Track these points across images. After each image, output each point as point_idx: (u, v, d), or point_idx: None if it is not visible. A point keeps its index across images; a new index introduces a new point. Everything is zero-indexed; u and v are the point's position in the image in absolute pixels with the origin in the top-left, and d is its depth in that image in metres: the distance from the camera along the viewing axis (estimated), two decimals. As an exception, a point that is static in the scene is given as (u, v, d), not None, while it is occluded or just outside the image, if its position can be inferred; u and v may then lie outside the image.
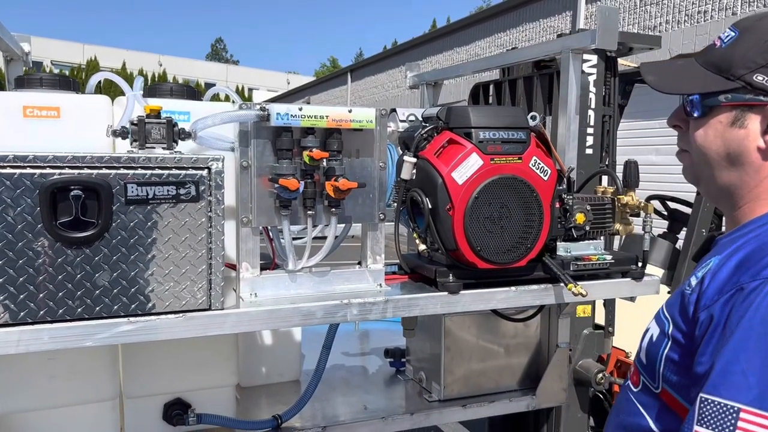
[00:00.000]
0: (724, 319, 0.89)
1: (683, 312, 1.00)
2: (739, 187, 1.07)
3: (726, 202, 1.11)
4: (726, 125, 1.04)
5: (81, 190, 1.35)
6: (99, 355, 1.79)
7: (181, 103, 1.78)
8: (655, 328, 1.08)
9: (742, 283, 0.90)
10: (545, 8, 11.80)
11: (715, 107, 1.05)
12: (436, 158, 1.69)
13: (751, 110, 1.02)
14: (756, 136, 1.01)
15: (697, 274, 1.02)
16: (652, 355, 1.05)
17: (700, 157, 1.10)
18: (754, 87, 1.00)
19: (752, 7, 7.59)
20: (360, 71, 21.36)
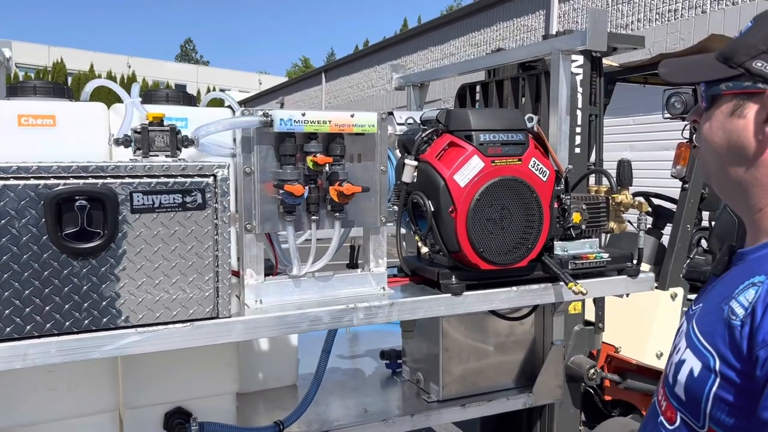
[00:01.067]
0: None
1: (734, 347, 0.89)
2: (751, 185, 0.99)
3: (740, 203, 1.04)
4: (726, 115, 1.00)
5: (86, 200, 1.33)
6: (98, 366, 1.76)
7: (178, 109, 1.76)
8: (695, 362, 0.96)
9: None
10: (518, 7, 11.92)
11: (718, 96, 1.01)
12: (437, 161, 1.70)
13: (750, 99, 0.97)
14: (755, 126, 0.96)
15: (739, 299, 0.91)
16: (695, 393, 0.94)
17: (707, 151, 1.05)
18: (753, 74, 0.95)
19: (721, 6, 7.77)
20: (334, 71, 21.32)
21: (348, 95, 19.85)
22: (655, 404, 1.11)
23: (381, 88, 17.41)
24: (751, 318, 0.86)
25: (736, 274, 1.00)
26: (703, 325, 0.99)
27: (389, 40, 17.82)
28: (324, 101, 21.64)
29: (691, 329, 1.02)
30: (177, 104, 1.80)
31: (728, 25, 7.49)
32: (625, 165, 2.02)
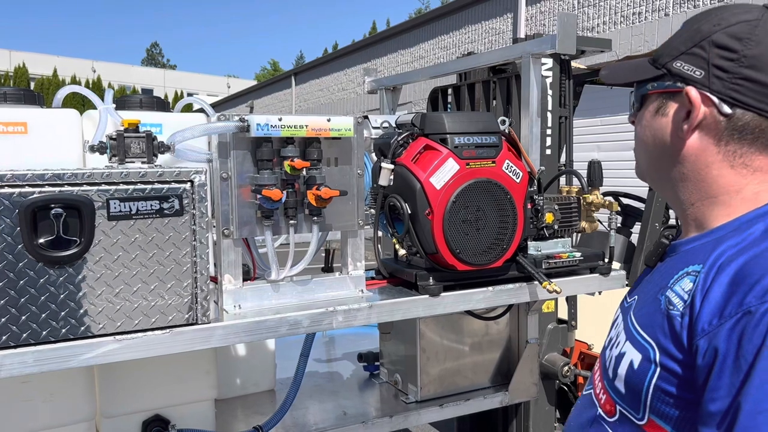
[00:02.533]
0: (734, 348, 0.80)
1: (674, 338, 0.89)
2: (679, 180, 1.01)
3: (672, 198, 1.06)
4: (652, 114, 1.03)
5: (62, 207, 1.32)
6: (74, 375, 1.74)
7: (152, 115, 1.75)
8: (635, 354, 0.96)
9: (749, 306, 0.80)
10: (486, 10, 12.04)
11: (646, 96, 1.05)
12: (413, 164, 1.72)
13: (671, 97, 1.00)
14: (675, 125, 0.99)
15: (675, 289, 0.93)
16: (636, 385, 0.95)
17: (638, 149, 1.09)
18: (673, 73, 0.98)
19: (683, 8, 7.96)
20: (304, 74, 21.25)
21: (318, 98, 19.80)
22: (590, 396, 1.10)
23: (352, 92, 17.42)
24: (690, 308, 0.87)
25: (669, 265, 1.01)
26: (641, 317, 1.00)
27: (359, 43, 17.84)
28: (294, 104, 21.55)
29: (630, 322, 1.03)
30: (151, 110, 1.79)
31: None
32: (595, 165, 2.07)
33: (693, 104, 0.95)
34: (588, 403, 1.10)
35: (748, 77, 0.91)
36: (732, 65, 0.92)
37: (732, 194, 0.96)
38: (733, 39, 0.92)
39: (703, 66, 0.94)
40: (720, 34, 0.93)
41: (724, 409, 0.80)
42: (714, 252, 0.91)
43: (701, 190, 0.99)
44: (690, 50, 0.96)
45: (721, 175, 0.96)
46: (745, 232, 0.91)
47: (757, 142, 0.94)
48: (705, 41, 0.95)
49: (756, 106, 0.92)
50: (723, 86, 0.93)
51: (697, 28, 0.97)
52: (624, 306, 1.13)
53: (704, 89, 0.94)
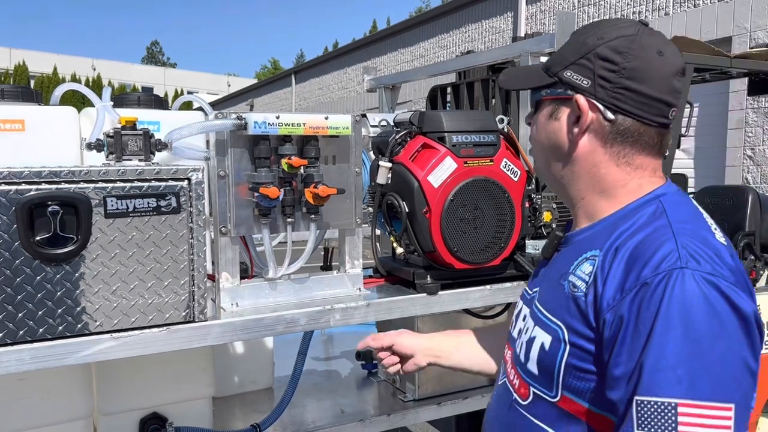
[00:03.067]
0: (634, 317, 0.89)
1: (581, 316, 0.97)
2: (570, 178, 1.11)
3: (564, 194, 1.15)
4: (546, 118, 1.12)
5: (59, 205, 1.32)
6: (72, 373, 1.74)
7: (150, 113, 1.75)
8: (544, 336, 1.04)
9: (645, 279, 0.90)
10: (487, 9, 12.04)
11: (540, 102, 1.13)
12: (411, 162, 1.72)
13: (563, 103, 1.09)
14: (567, 128, 1.08)
15: (577, 273, 1.02)
16: (547, 364, 1.02)
17: (535, 150, 1.18)
18: (564, 82, 1.07)
19: (683, 8, 7.97)
20: (304, 73, 21.25)
21: (318, 97, 19.80)
22: (505, 385, 1.17)
23: (351, 90, 17.41)
24: (593, 287, 0.97)
25: (565, 255, 1.11)
26: (546, 303, 1.08)
27: (359, 41, 17.83)
28: (294, 103, 21.55)
29: (536, 310, 1.11)
30: (149, 108, 1.79)
31: (690, 27, 7.69)
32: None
33: (582, 110, 1.05)
34: (503, 392, 1.17)
35: (627, 87, 1.02)
36: (614, 76, 1.02)
37: (618, 188, 1.07)
38: (614, 52, 1.03)
39: (590, 76, 1.04)
40: (603, 47, 1.03)
41: (628, 371, 0.89)
42: (609, 237, 1.01)
43: (591, 186, 1.09)
44: (578, 61, 1.06)
45: (608, 173, 1.07)
46: (634, 217, 1.02)
47: (637, 144, 1.05)
48: (591, 53, 1.04)
49: (634, 113, 1.03)
50: (607, 95, 1.03)
51: (583, 41, 1.07)
52: (526, 298, 1.21)
53: (591, 97, 1.05)
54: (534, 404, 1.06)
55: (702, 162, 7.84)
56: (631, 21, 1.07)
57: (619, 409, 0.90)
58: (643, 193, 1.06)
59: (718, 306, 0.87)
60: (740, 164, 7.39)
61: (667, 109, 1.04)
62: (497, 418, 1.16)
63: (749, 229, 3.34)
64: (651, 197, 1.05)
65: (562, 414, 1.01)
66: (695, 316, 0.86)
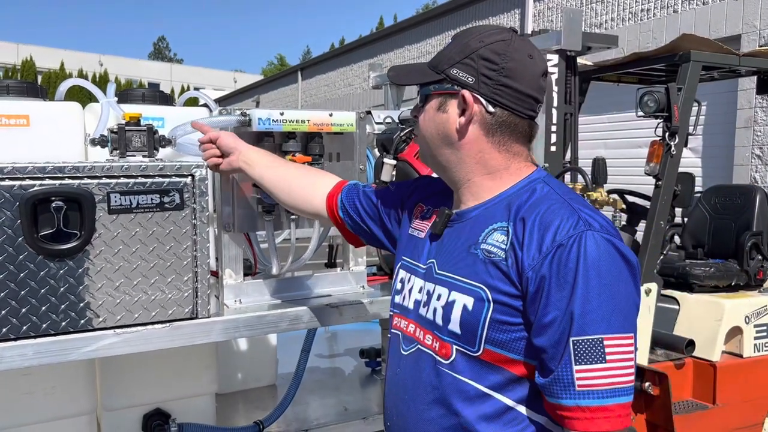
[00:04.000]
0: (554, 272, 1.05)
1: (503, 276, 1.12)
2: (457, 163, 1.23)
3: (451, 177, 1.27)
4: (435, 110, 1.24)
5: (63, 201, 1.32)
6: (76, 369, 1.74)
7: (154, 109, 1.75)
8: (466, 299, 1.16)
9: (560, 241, 1.06)
10: (494, 6, 11.98)
11: (429, 96, 1.25)
12: (416, 160, 1.71)
13: (450, 98, 1.21)
14: (454, 119, 1.20)
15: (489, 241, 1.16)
16: (471, 323, 1.14)
17: (422, 139, 1.29)
18: (451, 78, 1.20)
19: (692, 5, 7.90)
20: (310, 69, 21.22)
21: (324, 93, 19.78)
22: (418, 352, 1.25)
23: (358, 87, 17.38)
24: (513, 252, 1.11)
25: (464, 229, 1.23)
26: (459, 270, 1.20)
27: (365, 38, 17.78)
28: (300, 100, 21.54)
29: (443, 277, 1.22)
30: (153, 104, 1.79)
31: (699, 25, 7.63)
32: (600, 163, 2.06)
33: (467, 103, 1.18)
34: (417, 358, 1.26)
35: (505, 84, 1.16)
36: (494, 74, 1.16)
37: (502, 171, 1.22)
38: (494, 54, 1.16)
39: (474, 74, 1.17)
40: (485, 49, 1.17)
41: (557, 318, 1.04)
42: (510, 211, 1.16)
43: (477, 169, 1.22)
44: (463, 60, 1.19)
45: (492, 158, 1.21)
46: (526, 194, 1.17)
47: (513, 134, 1.20)
48: (474, 54, 1.18)
49: (511, 107, 1.17)
50: (488, 90, 1.17)
51: (466, 43, 1.20)
52: (419, 272, 1.31)
53: (475, 92, 1.17)
54: (456, 361, 1.17)
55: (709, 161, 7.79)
56: (504, 27, 1.23)
57: (548, 352, 1.06)
58: (524, 175, 1.21)
59: (616, 258, 1.06)
60: (748, 163, 7.34)
61: (535, 104, 1.19)
62: (414, 384, 1.25)
63: (757, 229, 3.31)
64: (535, 178, 1.21)
65: (484, 365, 1.14)
66: (604, 267, 1.04)
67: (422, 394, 1.23)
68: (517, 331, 1.11)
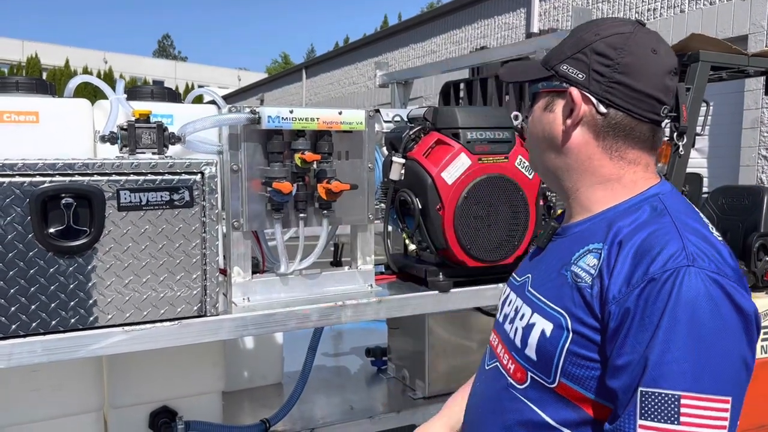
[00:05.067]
0: (640, 311, 0.92)
1: (586, 306, 1.00)
2: (564, 170, 1.13)
3: (558, 186, 1.17)
4: (542, 110, 1.14)
5: (72, 197, 1.32)
6: (83, 366, 1.74)
7: (163, 106, 1.74)
8: (545, 323, 1.05)
9: (653, 275, 0.92)
10: (499, 5, 11.96)
11: (538, 94, 1.16)
12: (425, 159, 1.71)
13: (558, 96, 1.11)
14: (561, 120, 1.10)
15: (580, 264, 1.04)
16: (548, 351, 1.04)
17: (530, 142, 1.20)
18: (560, 75, 1.10)
19: (699, 5, 7.88)
20: (314, 68, 21.22)
21: (329, 92, 19.78)
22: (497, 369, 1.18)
23: (362, 85, 17.38)
24: (599, 280, 0.99)
25: (564, 245, 1.12)
26: (547, 291, 1.09)
27: (370, 37, 17.77)
28: (305, 98, 21.54)
29: (531, 296, 1.13)
30: (162, 101, 1.79)
31: (706, 24, 7.60)
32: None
33: (575, 102, 1.07)
34: (495, 376, 1.18)
35: (620, 82, 1.05)
36: (608, 71, 1.05)
37: (613, 181, 1.09)
38: (610, 48, 1.06)
39: (585, 70, 1.07)
40: (599, 42, 1.07)
41: (632, 362, 0.92)
42: (610, 231, 1.03)
43: (585, 178, 1.11)
44: (574, 55, 1.09)
45: (602, 165, 1.09)
46: (635, 213, 1.04)
47: (629, 139, 1.07)
48: (587, 48, 1.08)
49: (626, 108, 1.05)
50: (600, 88, 1.06)
51: (580, 37, 1.10)
52: (514, 285, 1.23)
53: (585, 90, 1.07)
54: (530, 388, 1.08)
55: (716, 161, 7.76)
56: (629, 20, 1.11)
57: (620, 398, 0.93)
58: (639, 190, 1.08)
59: (722, 304, 0.91)
60: (755, 164, 7.31)
61: (659, 106, 1.07)
62: (487, 401, 1.19)
63: (764, 230, 3.30)
64: (650, 194, 1.08)
65: (558, 399, 1.03)
66: (700, 313, 0.90)
67: (491, 415, 1.16)
68: (594, 369, 0.99)
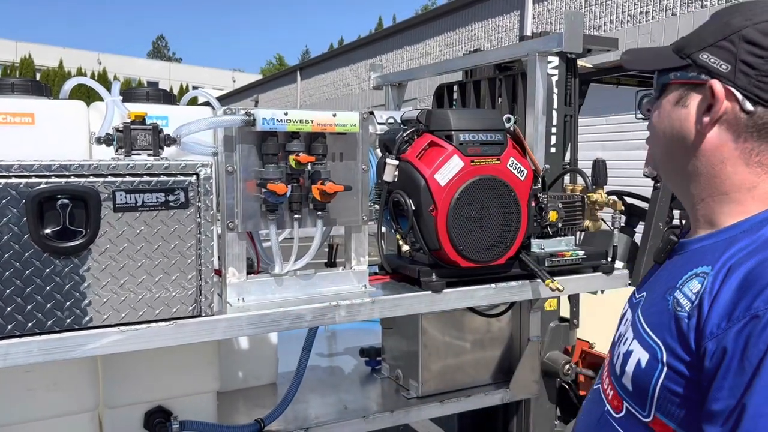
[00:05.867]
0: (740, 351, 0.81)
1: (682, 339, 0.90)
2: (692, 174, 1.00)
3: (683, 192, 1.05)
4: (672, 104, 1.01)
5: (68, 198, 1.33)
6: (78, 366, 1.75)
7: (158, 108, 1.76)
8: (642, 353, 0.97)
9: (757, 311, 0.81)
10: (493, 7, 12.02)
11: (667, 86, 1.03)
12: (418, 160, 1.73)
13: (694, 89, 0.98)
14: (695, 117, 0.97)
15: (684, 290, 0.93)
16: (643, 383, 0.96)
17: (654, 139, 1.08)
18: (698, 65, 0.97)
19: (690, 8, 7.94)
20: (309, 69, 21.25)
21: (323, 94, 19.80)
22: (599, 391, 1.11)
23: (357, 87, 17.41)
24: (698, 310, 0.88)
25: (678, 264, 1.02)
26: (650, 316, 1.00)
27: (364, 39, 17.82)
28: (299, 100, 21.56)
29: (638, 319, 1.03)
30: (157, 103, 1.80)
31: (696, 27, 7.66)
32: (599, 164, 2.07)
33: (716, 98, 0.94)
34: (597, 399, 1.11)
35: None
36: (761, 62, 0.90)
37: (744, 192, 0.95)
38: (764, 36, 0.91)
39: (731, 60, 0.92)
40: (751, 29, 0.91)
41: (728, 409, 0.81)
42: (725, 254, 0.90)
43: (713, 185, 0.98)
44: (718, 43, 0.94)
45: (735, 172, 0.95)
46: (757, 233, 0.91)
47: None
48: (735, 35, 0.93)
49: None
50: (749, 83, 0.91)
51: (726, 21, 0.95)
52: (632, 302, 1.13)
53: (729, 84, 0.93)
54: (626, 419, 1.00)
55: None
56: None
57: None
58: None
59: None
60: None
61: None
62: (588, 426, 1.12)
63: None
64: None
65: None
66: None
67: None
68: (690, 407, 0.89)
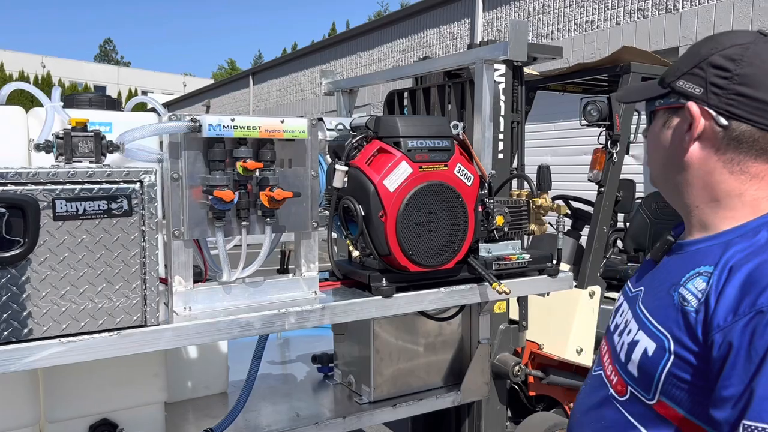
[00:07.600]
0: (746, 343, 0.91)
1: (689, 331, 1.00)
2: (683, 185, 1.12)
3: (678, 202, 1.16)
4: (660, 127, 1.15)
5: (5, 207, 1.29)
6: (17, 379, 1.69)
7: (101, 114, 1.72)
8: (648, 342, 1.07)
9: (761, 307, 0.91)
10: (445, 15, 12.17)
11: (655, 112, 1.17)
12: (367, 167, 1.74)
13: (675, 113, 1.12)
14: (680, 136, 1.10)
15: (688, 287, 1.03)
16: (649, 369, 1.05)
17: (650, 160, 1.21)
18: (676, 91, 1.11)
19: (633, 18, 8.21)
20: (262, 74, 21.07)
21: (276, 99, 19.66)
22: (601, 377, 1.21)
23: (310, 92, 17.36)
24: (705, 306, 0.98)
25: (677, 263, 1.12)
26: (653, 309, 1.10)
27: (318, 44, 17.79)
28: (252, 105, 21.34)
29: (640, 312, 1.13)
30: (100, 109, 1.76)
31: (639, 37, 7.94)
32: (544, 170, 2.13)
33: (693, 117, 1.07)
34: (598, 384, 1.20)
35: (741, 93, 1.03)
36: (726, 83, 1.04)
37: (734, 198, 1.07)
38: (727, 60, 1.04)
39: (702, 84, 1.06)
40: (716, 56, 1.05)
41: (737, 394, 0.91)
42: (724, 255, 1.02)
43: (705, 194, 1.10)
44: (691, 70, 1.08)
45: (722, 181, 1.07)
46: (752, 239, 1.02)
47: (752, 151, 1.05)
48: (703, 62, 1.07)
49: (749, 118, 1.03)
50: (719, 101, 1.04)
51: (696, 51, 1.09)
52: (628, 295, 1.23)
53: (703, 104, 1.06)
54: (630, 402, 1.10)
55: (651, 168, 8.10)
56: (749, 31, 1.10)
57: (723, 429, 0.94)
58: (762, 210, 1.06)
59: None
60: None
61: None
62: (589, 408, 1.21)
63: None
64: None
65: (657, 416, 1.05)
66: None
67: (589, 421, 1.18)
68: (695, 392, 1.00)
